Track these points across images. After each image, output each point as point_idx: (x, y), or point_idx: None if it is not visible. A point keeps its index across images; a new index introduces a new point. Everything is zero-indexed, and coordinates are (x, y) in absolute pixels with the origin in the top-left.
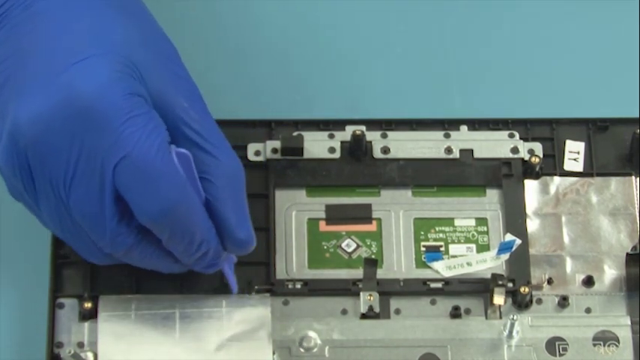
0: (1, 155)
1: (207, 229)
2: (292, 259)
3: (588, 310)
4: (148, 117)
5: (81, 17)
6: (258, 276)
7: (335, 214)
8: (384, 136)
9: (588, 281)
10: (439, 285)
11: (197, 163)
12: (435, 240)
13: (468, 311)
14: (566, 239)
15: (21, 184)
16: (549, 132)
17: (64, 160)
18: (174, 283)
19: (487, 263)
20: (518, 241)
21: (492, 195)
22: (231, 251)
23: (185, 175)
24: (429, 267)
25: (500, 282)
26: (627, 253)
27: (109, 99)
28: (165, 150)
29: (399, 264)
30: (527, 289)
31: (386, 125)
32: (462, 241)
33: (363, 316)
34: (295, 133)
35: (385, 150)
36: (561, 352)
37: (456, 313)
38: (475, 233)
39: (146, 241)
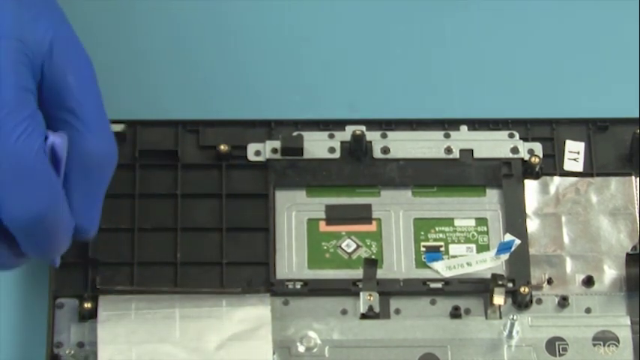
0: None
1: (69, 236)
2: (292, 259)
3: (588, 310)
4: (32, 117)
5: None
6: (258, 276)
7: (335, 215)
8: (384, 136)
9: (588, 281)
10: (439, 285)
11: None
12: (435, 240)
13: (467, 311)
14: (566, 239)
15: None
16: (549, 132)
17: None
18: (173, 283)
19: (487, 263)
20: (518, 241)
21: (492, 195)
22: None
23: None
24: (429, 267)
25: (500, 282)
26: (627, 253)
27: None
28: (44, 155)
29: (399, 264)
30: (527, 289)
31: (386, 125)
32: (462, 241)
33: (363, 316)
34: (295, 133)
35: (385, 150)
36: (561, 352)
37: (455, 313)
38: (475, 233)
39: None
